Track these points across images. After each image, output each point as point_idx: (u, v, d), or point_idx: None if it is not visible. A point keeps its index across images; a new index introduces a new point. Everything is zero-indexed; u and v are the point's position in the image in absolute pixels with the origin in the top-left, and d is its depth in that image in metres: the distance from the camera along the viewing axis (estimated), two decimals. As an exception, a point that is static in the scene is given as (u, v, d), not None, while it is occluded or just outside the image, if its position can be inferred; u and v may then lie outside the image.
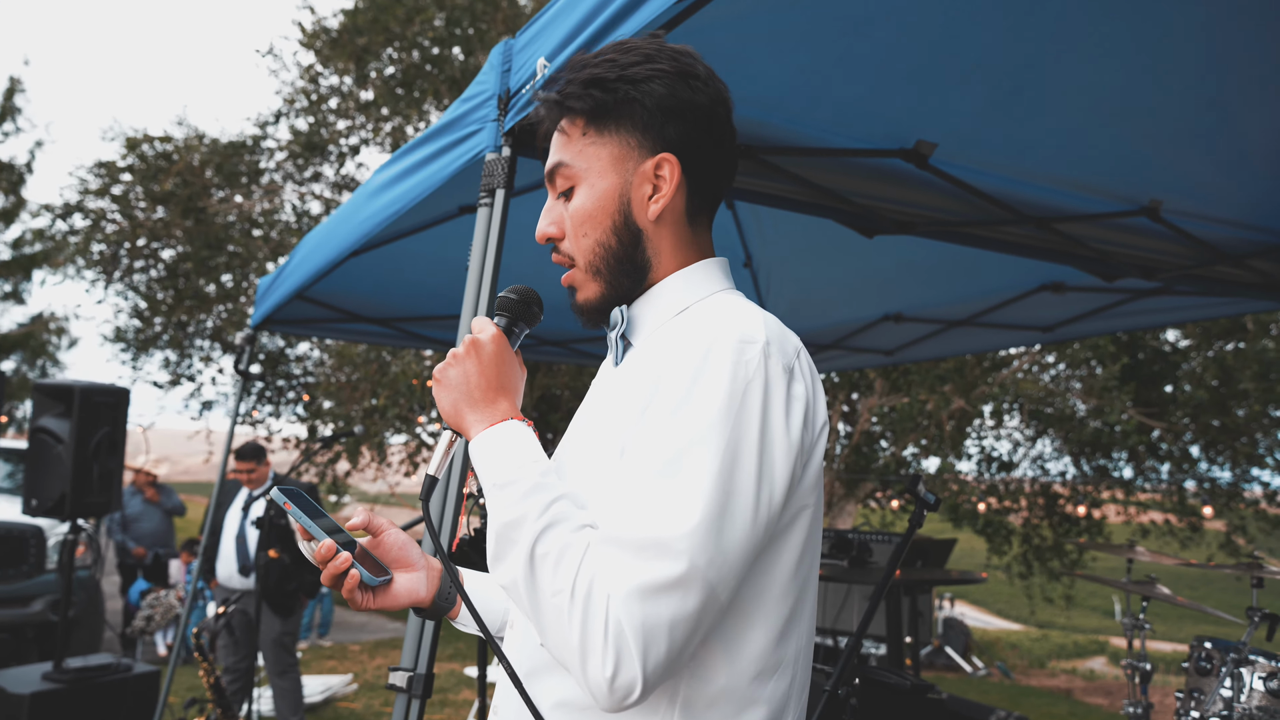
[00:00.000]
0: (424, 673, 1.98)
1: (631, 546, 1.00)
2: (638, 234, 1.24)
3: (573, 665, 0.99)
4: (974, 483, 11.16)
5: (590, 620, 0.98)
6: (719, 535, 1.00)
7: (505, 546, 1.06)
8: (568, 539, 1.03)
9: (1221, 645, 2.98)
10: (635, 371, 1.18)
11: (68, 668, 4.27)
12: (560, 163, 1.25)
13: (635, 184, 1.22)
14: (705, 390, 1.04)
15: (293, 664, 5.66)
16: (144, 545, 9.17)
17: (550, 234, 1.27)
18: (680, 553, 0.98)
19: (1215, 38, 2.29)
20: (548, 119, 1.27)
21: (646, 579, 0.98)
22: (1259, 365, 9.20)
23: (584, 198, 1.23)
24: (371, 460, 11.73)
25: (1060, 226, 3.21)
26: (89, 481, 4.44)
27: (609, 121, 1.22)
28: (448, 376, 1.21)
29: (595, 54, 1.23)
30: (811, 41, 2.30)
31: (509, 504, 1.07)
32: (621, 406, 1.15)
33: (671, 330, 1.19)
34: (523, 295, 1.30)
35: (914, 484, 2.01)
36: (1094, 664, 13.87)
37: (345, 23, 11.13)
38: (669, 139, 1.21)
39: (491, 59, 2.41)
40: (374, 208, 3.20)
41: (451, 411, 1.21)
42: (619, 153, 1.22)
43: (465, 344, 1.22)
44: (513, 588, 1.06)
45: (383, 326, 5.48)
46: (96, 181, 11.70)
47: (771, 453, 1.05)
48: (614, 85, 1.19)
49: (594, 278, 1.25)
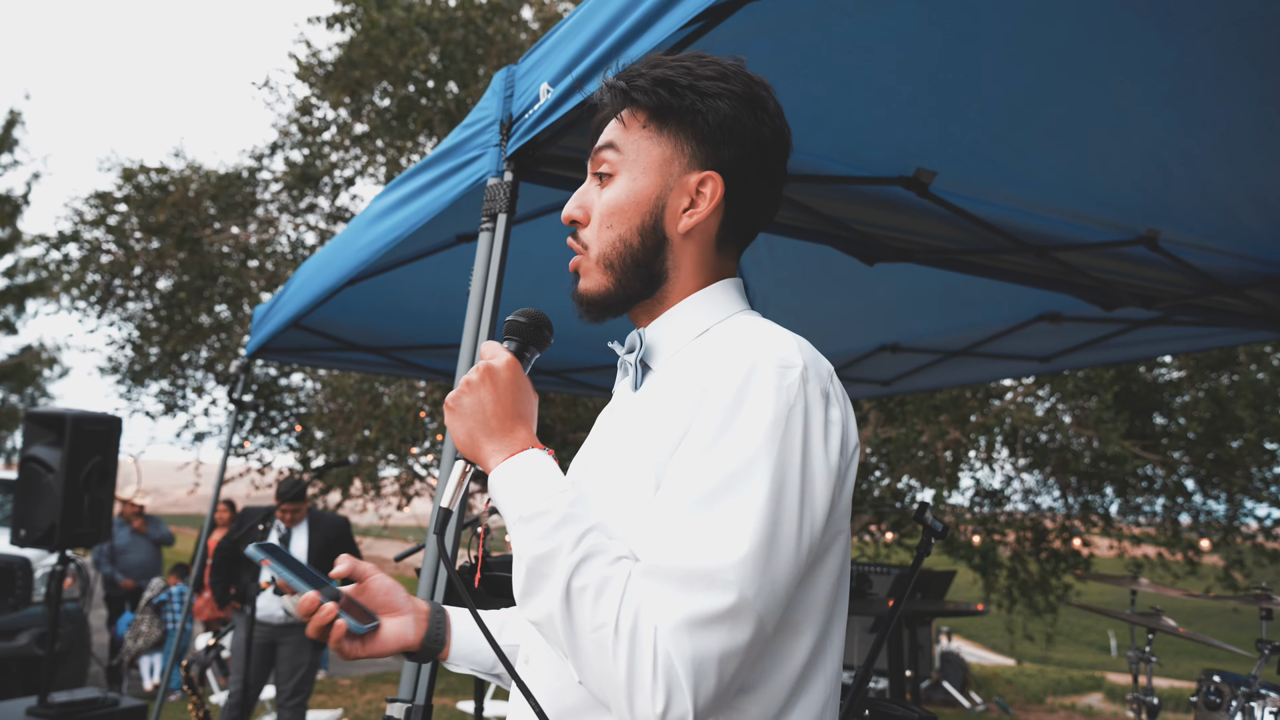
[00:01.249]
0: (423, 704, 1.94)
1: (678, 578, 0.96)
2: (662, 242, 1.21)
3: (618, 701, 0.96)
4: (968, 515, 11.13)
5: (638, 654, 0.94)
6: (766, 565, 0.97)
7: (538, 581, 1.02)
8: (606, 571, 0.99)
9: (1231, 679, 2.94)
10: (660, 397, 1.14)
11: (53, 702, 4.18)
12: (611, 142, 1.23)
13: (674, 192, 1.20)
14: (747, 417, 1.02)
15: (308, 696, 5.57)
16: (132, 577, 9.04)
17: (575, 217, 1.25)
18: (730, 584, 0.95)
19: (1214, 70, 2.31)
20: (610, 106, 1.25)
21: (696, 611, 0.95)
22: (1252, 395, 9.22)
23: (620, 189, 1.21)
24: (364, 491, 11.64)
25: (1059, 255, 3.22)
26: (79, 512, 4.37)
27: (669, 123, 1.20)
28: (462, 405, 1.17)
29: (674, 57, 1.23)
30: (813, 69, 2.31)
31: (539, 537, 1.03)
32: (650, 434, 1.11)
33: (695, 353, 1.16)
34: (533, 319, 1.26)
35: (922, 512, 1.99)
36: (1091, 700, 13.76)
37: (340, 56, 11.20)
38: (721, 159, 1.20)
39: (494, 85, 2.41)
40: (373, 234, 3.19)
41: (467, 441, 1.16)
42: (669, 155, 1.20)
43: (479, 371, 1.18)
44: (547, 623, 1.01)
45: (378, 355, 5.45)
46: (92, 212, 11.69)
47: (814, 480, 1.03)
48: (682, 90, 1.18)
49: (605, 271, 1.22)
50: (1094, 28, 2.15)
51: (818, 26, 2.15)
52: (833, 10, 2.09)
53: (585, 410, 10.91)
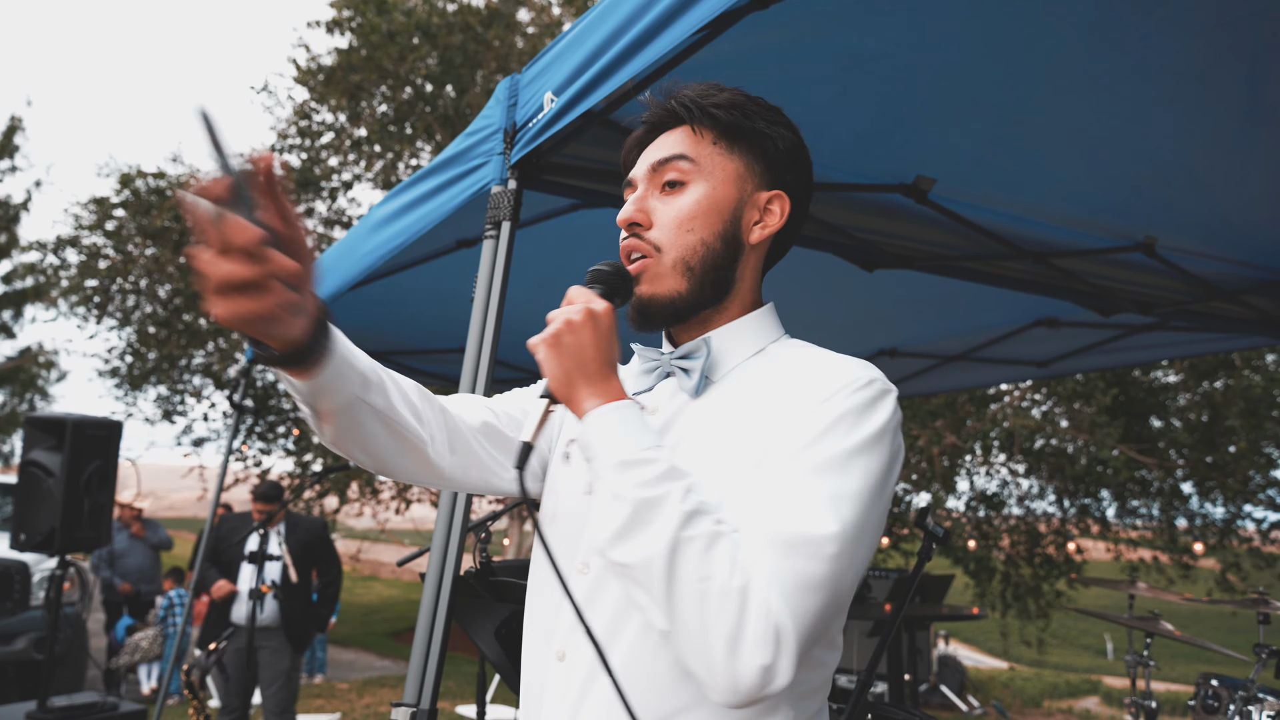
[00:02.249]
0: (428, 708, 1.95)
1: (784, 541, 1.02)
2: (739, 249, 1.27)
3: (713, 652, 0.99)
4: (964, 519, 11.15)
5: (749, 609, 0.99)
6: (856, 547, 1.06)
7: (638, 525, 1.04)
8: (715, 528, 1.04)
9: (1229, 683, 2.96)
10: (745, 401, 1.20)
11: (53, 706, 4.18)
12: (683, 154, 1.26)
13: (748, 205, 1.27)
14: (858, 420, 1.11)
15: (294, 703, 5.57)
16: (130, 581, 9.03)
17: (637, 219, 1.26)
18: (830, 555, 1.02)
19: (1210, 76, 2.33)
20: (674, 114, 1.28)
21: (803, 574, 1.01)
22: (1245, 402, 9.25)
23: (700, 194, 1.25)
24: (362, 495, 11.64)
25: (1058, 261, 3.24)
26: (79, 516, 4.38)
27: (739, 142, 1.27)
28: (563, 343, 1.14)
29: (728, 89, 1.29)
30: (814, 77, 2.33)
31: (643, 483, 1.05)
32: (742, 431, 1.16)
33: (769, 367, 1.24)
34: (616, 269, 1.24)
35: (923, 517, 2.01)
36: (1088, 704, 13.77)
37: (339, 60, 11.22)
38: (786, 181, 1.30)
39: (497, 93, 2.43)
40: (376, 241, 3.20)
41: (564, 380, 1.14)
42: (743, 172, 1.27)
43: (581, 312, 1.15)
44: (644, 566, 1.02)
45: (378, 360, 5.45)
46: (90, 217, 11.69)
47: (888, 485, 1.13)
48: (753, 115, 1.27)
49: (683, 274, 1.24)
50: (1093, 36, 2.17)
51: (819, 35, 2.17)
52: (833, 20, 2.12)
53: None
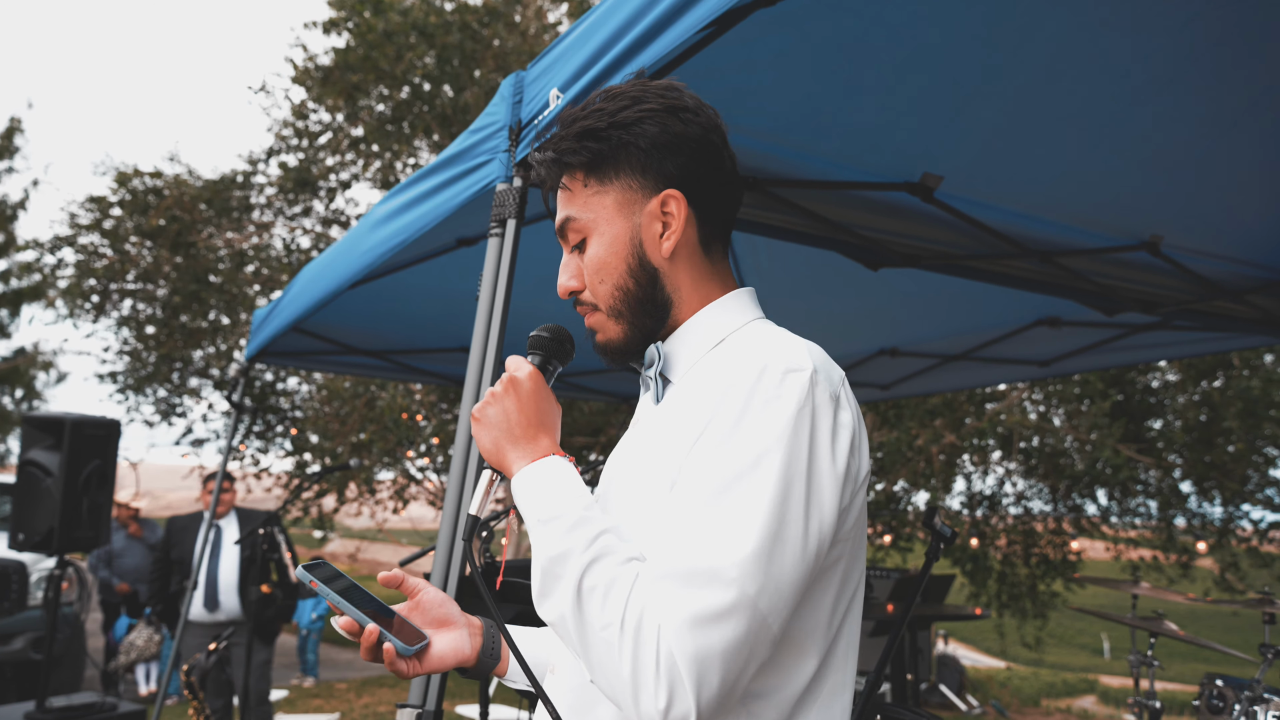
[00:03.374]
0: (434, 709, 1.93)
1: (682, 576, 0.98)
2: (654, 274, 1.24)
3: (624, 699, 0.98)
4: (964, 519, 11.15)
5: (641, 652, 0.96)
6: (770, 564, 0.99)
7: (551, 582, 1.05)
8: (615, 572, 1.02)
9: (1234, 683, 2.95)
10: (679, 407, 1.17)
11: (51, 706, 4.16)
12: (569, 217, 1.26)
13: (645, 225, 1.23)
14: (754, 420, 1.04)
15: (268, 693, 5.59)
16: (127, 581, 9.00)
17: (572, 288, 1.28)
18: (731, 581, 0.97)
19: (1216, 77, 2.32)
20: (549, 178, 1.29)
21: (698, 608, 0.97)
22: (1244, 403, 9.26)
23: (597, 247, 1.24)
24: (360, 495, 11.61)
25: (1062, 260, 3.23)
26: (78, 516, 4.36)
27: (608, 169, 1.23)
28: (487, 415, 1.21)
29: (582, 106, 1.26)
30: (820, 74, 2.32)
31: (554, 538, 1.06)
32: (668, 442, 1.13)
33: (712, 362, 1.19)
34: (555, 334, 1.31)
35: (930, 517, 2.00)
36: (1085, 703, 13.78)
37: (337, 60, 11.19)
38: (669, 175, 1.22)
39: (502, 90, 2.41)
40: (377, 238, 3.19)
41: (493, 449, 1.20)
42: (623, 198, 1.23)
43: (503, 382, 1.23)
44: (560, 623, 1.04)
45: (377, 359, 5.45)
46: (87, 216, 11.65)
47: (820, 481, 1.04)
48: (606, 134, 1.21)
49: (616, 320, 1.26)
50: (1100, 33, 2.16)
51: (824, 31, 2.15)
52: (839, 13, 2.10)
53: (581, 415, 10.90)
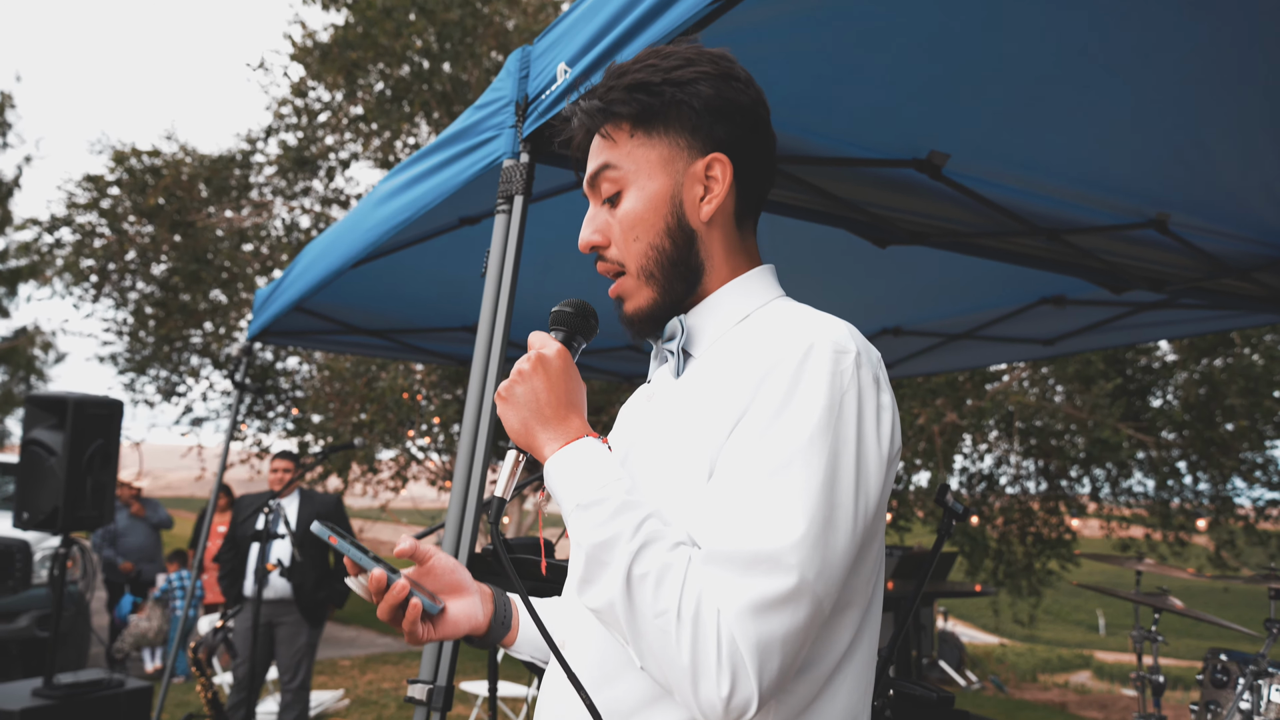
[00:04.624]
0: (444, 685, 1.94)
1: (739, 561, 0.97)
2: (691, 236, 1.21)
3: (682, 687, 0.96)
4: (964, 497, 11.19)
5: (702, 640, 0.95)
6: (825, 547, 0.98)
7: (597, 569, 1.02)
8: (667, 558, 1.00)
9: (1239, 658, 2.96)
10: (708, 384, 1.14)
11: (58, 683, 4.18)
12: (607, 164, 1.21)
13: (687, 185, 1.19)
14: (804, 401, 1.02)
15: (309, 678, 5.58)
16: (131, 560, 9.05)
17: (595, 242, 1.24)
18: (791, 566, 0.96)
19: (1226, 53, 2.30)
20: (586, 126, 1.23)
21: (758, 594, 0.95)
22: (1245, 380, 9.26)
23: (634, 200, 1.20)
24: (362, 475, 11.63)
25: (1070, 238, 3.22)
26: (82, 495, 4.36)
27: (656, 124, 1.19)
28: (515, 394, 1.16)
29: (634, 60, 1.21)
30: (828, 52, 2.30)
31: (597, 524, 1.03)
32: (700, 422, 1.10)
33: (739, 339, 1.17)
34: (579, 308, 1.26)
35: (943, 494, 2.00)
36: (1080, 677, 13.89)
37: (336, 37, 11.11)
38: (718, 139, 1.19)
39: (508, 65, 2.39)
40: (381, 216, 3.17)
41: (521, 430, 1.16)
42: (668, 154, 1.19)
43: (531, 360, 1.17)
44: (608, 610, 1.02)
45: (379, 339, 5.44)
46: (84, 195, 11.60)
47: (868, 463, 1.03)
48: (659, 89, 1.17)
49: (647, 283, 1.21)
50: (1109, 10, 2.14)
51: (833, 6, 2.13)
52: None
53: (589, 392, 10.89)
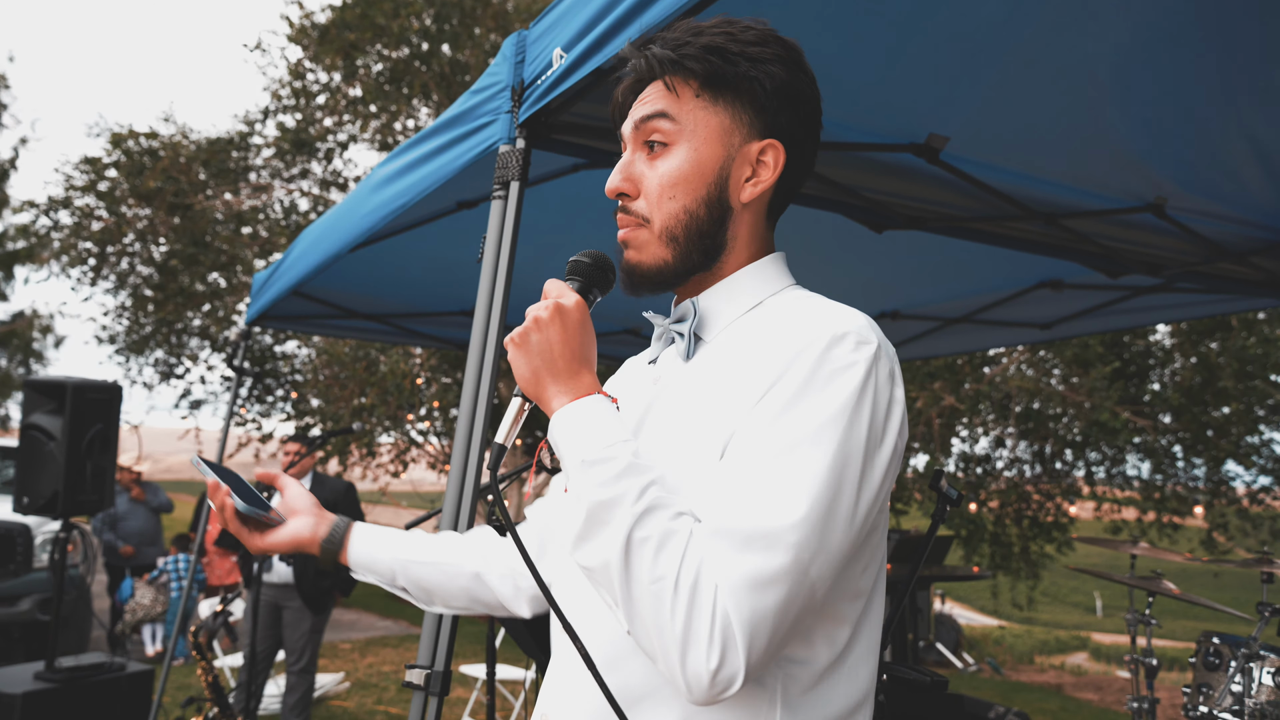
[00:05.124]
0: (442, 670, 1.95)
1: (739, 537, 0.98)
2: (726, 212, 1.19)
3: (669, 654, 0.97)
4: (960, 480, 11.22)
5: (697, 611, 0.95)
6: (824, 532, 0.99)
7: (595, 527, 1.02)
8: (669, 525, 1.00)
9: (1231, 640, 2.98)
10: (722, 368, 1.14)
11: (60, 667, 4.21)
12: (663, 112, 1.18)
13: (737, 161, 1.18)
14: (822, 388, 1.02)
15: (314, 663, 5.62)
16: (131, 544, 9.07)
17: (624, 189, 1.20)
18: (789, 545, 0.97)
19: (1223, 35, 2.30)
20: (650, 72, 1.20)
21: (753, 570, 0.96)
22: (1238, 365, 9.28)
23: (682, 159, 1.17)
24: (361, 458, 11.66)
25: (1067, 222, 3.21)
26: (82, 479, 4.38)
27: (725, 92, 1.17)
28: (530, 342, 1.13)
29: (711, 24, 1.18)
30: (824, 29, 2.28)
31: (601, 483, 1.02)
32: (714, 404, 1.10)
33: (754, 324, 1.17)
34: (596, 259, 1.23)
35: (937, 479, 2.00)
36: (1077, 659, 13.98)
37: (333, 18, 11.05)
38: (779, 126, 1.19)
39: (504, 50, 2.38)
40: (378, 200, 3.17)
41: (531, 379, 1.14)
42: (729, 125, 1.17)
43: (549, 309, 1.14)
44: (602, 570, 1.02)
45: (378, 323, 5.44)
46: (82, 178, 11.57)
47: (876, 455, 1.04)
48: (734, 58, 1.15)
49: (668, 244, 1.19)
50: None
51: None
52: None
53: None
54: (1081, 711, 8.21)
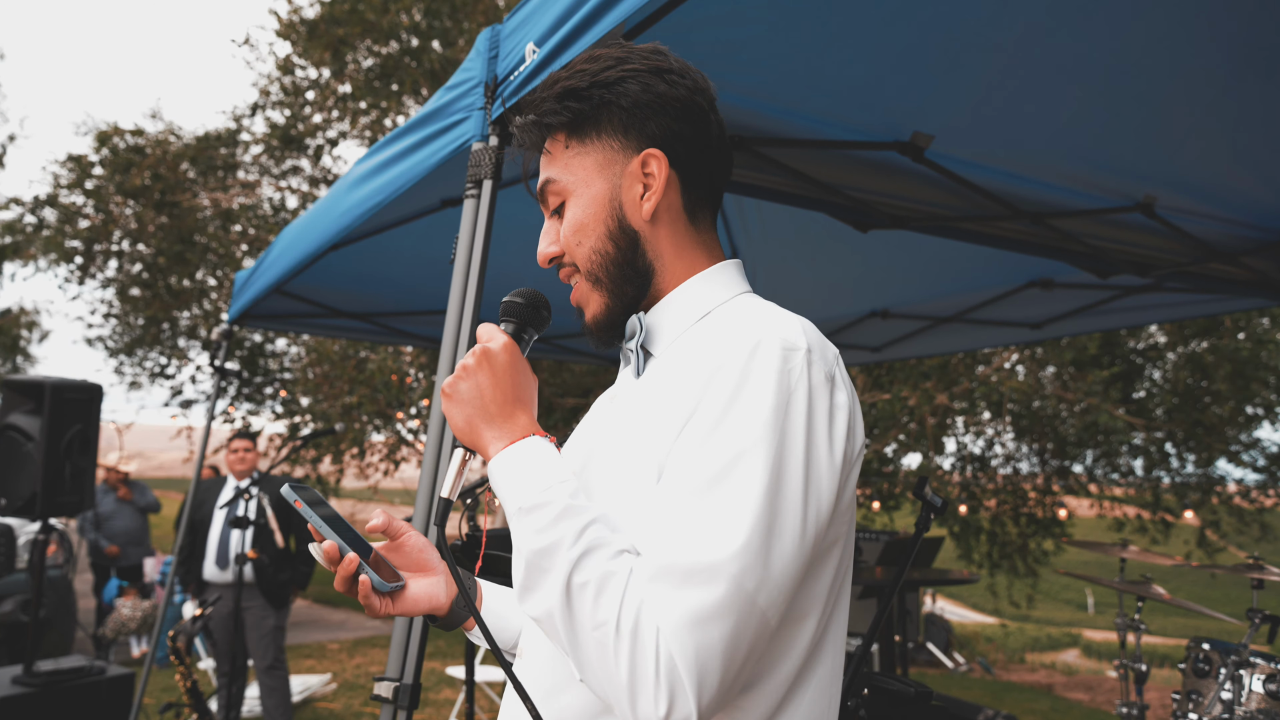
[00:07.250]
0: (410, 683, 1.91)
1: (677, 573, 0.93)
2: (634, 237, 1.19)
3: (620, 702, 0.93)
4: (953, 480, 11.20)
5: (640, 655, 0.91)
6: (767, 556, 0.94)
7: (537, 576, 0.99)
8: (608, 566, 0.96)
9: (1221, 647, 2.94)
10: (662, 384, 1.11)
11: (39, 670, 4.15)
12: (548, 179, 1.22)
13: (625, 186, 1.18)
14: (748, 402, 0.98)
15: (282, 659, 5.57)
16: (118, 544, 9.00)
17: (551, 253, 1.23)
18: (729, 576, 0.92)
19: (1213, 34, 2.25)
20: (530, 143, 1.24)
21: (695, 607, 0.92)
22: (1231, 366, 9.27)
23: (576, 208, 1.20)
24: (352, 458, 11.60)
25: (1055, 222, 3.17)
26: (61, 480, 4.32)
27: (589, 129, 1.19)
28: (459, 390, 1.13)
29: (565, 68, 1.22)
30: (807, 25, 2.23)
31: (539, 530, 1.00)
32: (651, 422, 1.07)
33: (697, 337, 1.14)
34: (530, 299, 1.23)
35: (921, 487, 1.96)
36: (1068, 656, 13.98)
37: (322, 13, 10.98)
38: (651, 135, 1.18)
39: (478, 45, 2.33)
40: (354, 199, 3.12)
41: (465, 428, 1.12)
42: (604, 158, 1.19)
43: (476, 355, 1.14)
44: (547, 620, 0.98)
45: (363, 322, 5.38)
46: (69, 176, 11.49)
47: (818, 467, 0.99)
48: (587, 93, 1.17)
49: (595, 287, 1.21)
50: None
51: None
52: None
53: (571, 375, 10.87)
54: (1071, 712, 8.18)
